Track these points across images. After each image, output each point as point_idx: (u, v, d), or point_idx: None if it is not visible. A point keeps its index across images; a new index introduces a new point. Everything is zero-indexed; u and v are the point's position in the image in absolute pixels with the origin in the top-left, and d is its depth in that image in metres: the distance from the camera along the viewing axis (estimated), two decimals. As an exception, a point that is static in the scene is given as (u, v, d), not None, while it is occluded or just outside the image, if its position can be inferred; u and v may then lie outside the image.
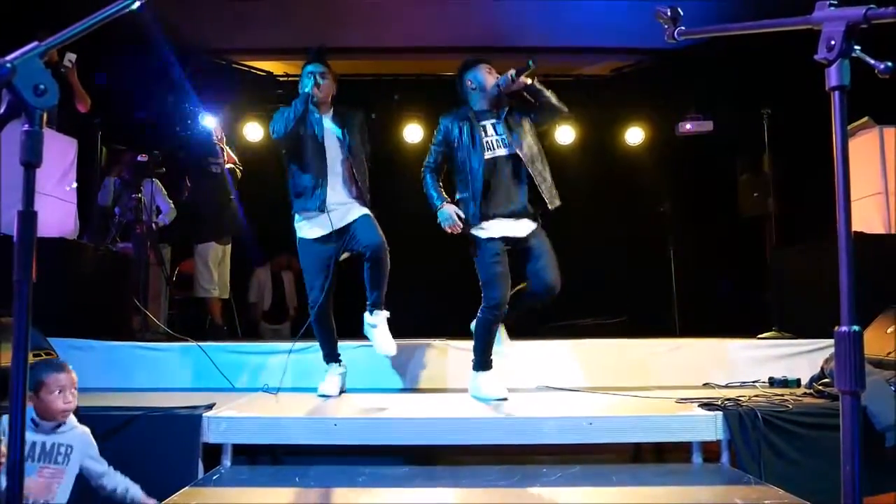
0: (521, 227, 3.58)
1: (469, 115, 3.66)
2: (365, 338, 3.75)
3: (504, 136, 3.60)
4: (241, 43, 7.04)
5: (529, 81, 3.56)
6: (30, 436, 2.43)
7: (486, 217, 3.54)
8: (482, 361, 3.64)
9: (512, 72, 3.53)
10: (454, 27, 6.44)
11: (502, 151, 3.58)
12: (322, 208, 3.63)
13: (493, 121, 3.64)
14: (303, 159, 3.70)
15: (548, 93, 3.60)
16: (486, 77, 3.66)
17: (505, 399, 3.50)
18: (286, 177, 3.82)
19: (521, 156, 3.56)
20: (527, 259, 3.58)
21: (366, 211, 3.74)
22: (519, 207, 3.57)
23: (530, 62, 3.47)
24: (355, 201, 3.73)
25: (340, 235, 3.69)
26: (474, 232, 3.58)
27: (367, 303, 3.71)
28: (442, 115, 3.75)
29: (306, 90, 3.66)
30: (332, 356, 3.85)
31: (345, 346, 3.93)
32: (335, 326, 3.82)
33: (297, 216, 3.77)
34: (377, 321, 3.66)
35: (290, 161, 3.76)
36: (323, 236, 3.69)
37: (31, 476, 2.36)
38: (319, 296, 3.67)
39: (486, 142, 3.59)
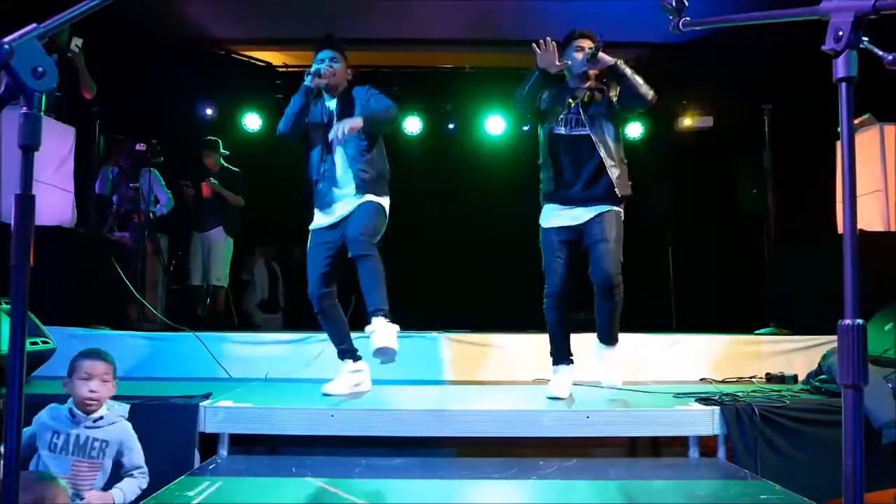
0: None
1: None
2: (361, 329, 3.70)
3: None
4: (241, 33, 7.01)
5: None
6: (65, 428, 2.42)
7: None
8: None
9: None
10: (451, 20, 6.43)
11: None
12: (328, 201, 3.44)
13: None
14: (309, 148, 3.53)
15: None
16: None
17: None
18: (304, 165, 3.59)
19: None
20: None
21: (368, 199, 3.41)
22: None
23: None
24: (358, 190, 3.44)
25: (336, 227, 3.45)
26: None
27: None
28: None
29: (305, 83, 3.41)
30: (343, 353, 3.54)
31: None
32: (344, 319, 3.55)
33: None
34: (375, 327, 3.28)
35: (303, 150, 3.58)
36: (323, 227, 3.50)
37: (63, 470, 2.35)
38: (311, 286, 3.44)
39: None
